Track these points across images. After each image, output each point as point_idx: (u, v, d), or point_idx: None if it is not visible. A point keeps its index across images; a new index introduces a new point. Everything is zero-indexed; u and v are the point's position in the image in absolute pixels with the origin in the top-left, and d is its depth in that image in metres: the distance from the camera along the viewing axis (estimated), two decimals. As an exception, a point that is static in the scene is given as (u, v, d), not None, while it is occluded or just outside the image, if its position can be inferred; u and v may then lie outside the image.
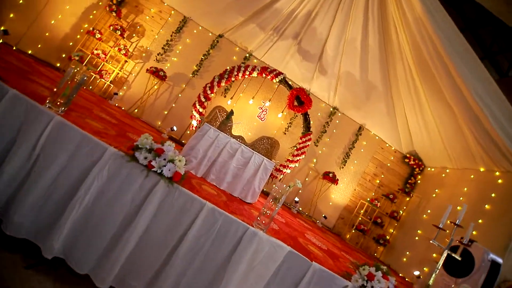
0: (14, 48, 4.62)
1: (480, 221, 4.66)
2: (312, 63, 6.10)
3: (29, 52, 4.98)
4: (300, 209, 6.16)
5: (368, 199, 6.45)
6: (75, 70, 2.16)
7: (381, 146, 6.73)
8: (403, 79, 5.63)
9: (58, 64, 5.66)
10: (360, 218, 6.13)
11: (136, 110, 5.92)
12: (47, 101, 2.12)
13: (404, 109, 6.09)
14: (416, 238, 5.73)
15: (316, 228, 5.16)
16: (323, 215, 5.97)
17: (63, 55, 5.70)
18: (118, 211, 2.00)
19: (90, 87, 5.80)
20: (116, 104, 5.83)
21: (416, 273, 4.92)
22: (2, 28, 3.80)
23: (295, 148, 5.57)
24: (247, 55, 6.33)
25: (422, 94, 5.48)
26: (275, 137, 5.89)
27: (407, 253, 5.71)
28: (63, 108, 2.20)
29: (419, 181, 6.68)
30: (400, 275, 5.43)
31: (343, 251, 3.98)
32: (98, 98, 5.22)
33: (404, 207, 6.48)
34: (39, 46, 5.15)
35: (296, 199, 5.79)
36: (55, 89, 2.16)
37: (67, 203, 1.98)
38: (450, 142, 5.59)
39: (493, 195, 4.77)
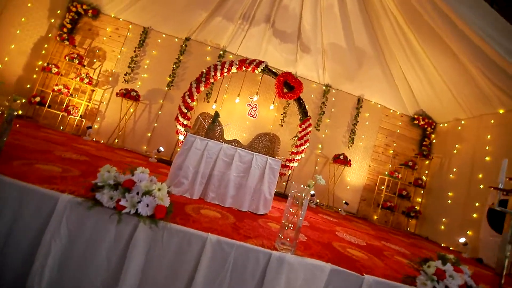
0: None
1: (516, 167, 4.19)
2: (292, 43, 5.59)
3: (-20, 105, 4.40)
4: (318, 201, 5.65)
5: (387, 172, 5.95)
6: (-5, 106, 1.62)
7: (385, 113, 6.24)
8: (393, 36, 5.14)
9: (20, 112, 5.09)
10: (383, 195, 5.63)
11: (116, 140, 5.36)
12: (-33, 155, 1.58)
13: (400, 68, 5.60)
14: (449, 201, 5.24)
15: (342, 218, 4.64)
16: (344, 202, 5.46)
17: (23, 100, 5.11)
18: (93, 279, 1.46)
19: (61, 128, 5.24)
20: (94, 139, 5.27)
21: (462, 240, 4.42)
22: None
23: (296, 138, 5.06)
24: (221, 52, 5.80)
25: (417, 46, 4.98)
26: (272, 131, 5.37)
27: (443, 220, 5.22)
28: (-7, 159, 1.66)
29: (434, 141, 6.20)
30: (443, 245, 4.93)
31: (382, 239, 3.47)
32: (70, 137, 4.66)
33: (426, 172, 5.99)
34: (-9, 96, 4.57)
35: (312, 192, 5.26)
36: (-25, 137, 1.61)
37: (22, 285, 1.44)
38: (459, 89, 5.11)
39: (523, 135, 4.29)
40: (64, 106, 5.13)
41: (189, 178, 2.43)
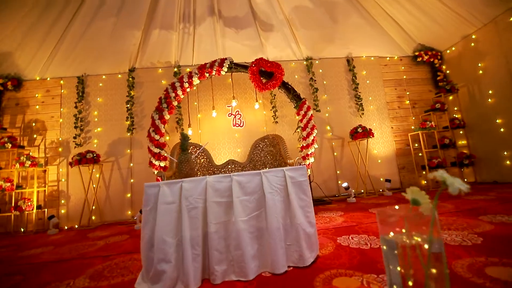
0: None
1: None
2: (250, 27, 4.67)
3: None
4: (353, 191, 4.59)
5: (413, 127, 4.98)
6: None
7: (382, 64, 5.31)
8: (359, -28, 4.27)
9: (-37, 231, 3.99)
10: (424, 154, 4.60)
11: (93, 217, 4.28)
12: None
13: (380, 6, 4.70)
14: (502, 130, 4.26)
15: (396, 202, 3.59)
16: (386, 180, 4.42)
17: (-37, 217, 4.03)
18: None
19: (22, 229, 4.15)
20: (65, 227, 4.20)
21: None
22: None
23: (300, 128, 4.05)
24: (175, 69, 4.85)
25: (392, -29, 4.11)
26: (269, 133, 4.36)
27: (505, 153, 4.22)
28: None
29: (448, 72, 5.27)
30: (521, 183, 3.92)
31: (471, 213, 2.41)
32: (28, 239, 3.55)
33: (455, 108, 5.02)
34: None
35: (344, 184, 4.22)
36: None
37: None
38: (457, 0, 4.22)
39: None
40: (13, 204, 4.05)
41: (172, 258, 1.38)
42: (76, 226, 4.21)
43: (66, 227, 4.23)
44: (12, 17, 4.10)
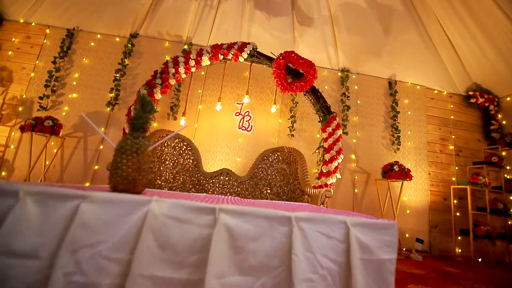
0: None
1: None
2: (285, 15, 3.86)
3: None
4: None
5: (454, 178, 4.02)
6: None
7: (429, 96, 4.45)
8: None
9: None
10: (459, 213, 3.61)
11: (34, 203, 3.27)
12: None
13: (443, 28, 3.91)
14: None
15: (438, 275, 2.56)
16: (416, 239, 3.41)
17: None
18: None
19: None
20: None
21: None
22: None
23: (322, 149, 3.11)
24: (185, 46, 4.00)
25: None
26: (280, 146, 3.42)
27: None
28: None
29: (504, 122, 4.39)
30: None
31: None
32: None
33: (508, 167, 4.08)
34: None
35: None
36: None
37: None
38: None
39: None
40: None
41: None
42: (8, 210, 3.18)
43: (-5, 208, 3.22)
44: None
